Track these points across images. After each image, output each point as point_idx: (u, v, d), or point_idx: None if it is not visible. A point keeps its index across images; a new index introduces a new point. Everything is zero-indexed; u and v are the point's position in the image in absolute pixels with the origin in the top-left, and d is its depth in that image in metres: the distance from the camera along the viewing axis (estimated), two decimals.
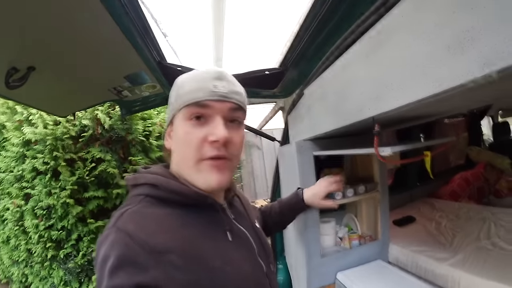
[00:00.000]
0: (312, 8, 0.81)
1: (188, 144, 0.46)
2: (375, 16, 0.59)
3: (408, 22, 0.50)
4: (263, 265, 0.53)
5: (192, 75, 0.49)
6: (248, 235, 0.54)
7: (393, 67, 0.55)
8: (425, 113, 0.77)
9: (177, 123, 0.48)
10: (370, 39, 0.62)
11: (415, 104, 0.51)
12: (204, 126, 0.46)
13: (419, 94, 0.48)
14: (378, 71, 0.60)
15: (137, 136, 1.87)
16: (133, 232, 0.39)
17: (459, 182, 1.89)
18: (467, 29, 0.38)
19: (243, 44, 1.25)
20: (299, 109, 1.09)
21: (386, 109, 0.58)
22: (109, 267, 0.37)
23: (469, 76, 0.38)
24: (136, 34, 0.83)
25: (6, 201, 2.13)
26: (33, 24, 0.67)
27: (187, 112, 0.46)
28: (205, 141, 0.46)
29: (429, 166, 0.78)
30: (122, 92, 1.29)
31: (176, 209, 0.46)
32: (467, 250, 1.15)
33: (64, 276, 1.85)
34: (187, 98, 0.46)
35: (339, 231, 1.31)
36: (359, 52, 0.68)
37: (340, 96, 0.78)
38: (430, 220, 1.55)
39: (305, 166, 1.06)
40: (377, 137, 0.70)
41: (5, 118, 2.04)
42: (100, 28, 0.75)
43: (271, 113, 2.77)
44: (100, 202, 1.73)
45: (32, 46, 0.76)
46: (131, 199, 0.47)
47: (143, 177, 0.48)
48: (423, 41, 0.46)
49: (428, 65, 0.46)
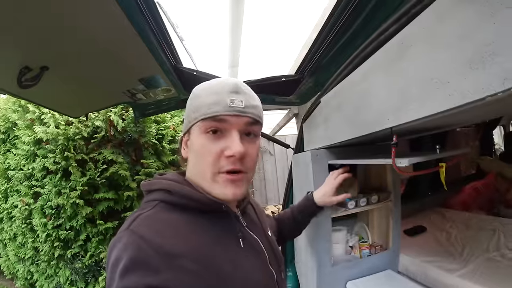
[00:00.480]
0: (331, 15, 0.81)
1: (204, 157, 0.47)
2: (396, 26, 0.59)
3: (430, 33, 0.49)
4: (274, 273, 0.53)
5: (209, 87, 0.49)
6: (260, 242, 0.54)
7: (414, 78, 0.55)
8: (442, 124, 0.76)
9: (193, 135, 0.49)
10: (390, 49, 0.62)
11: (435, 116, 0.50)
12: (220, 140, 0.47)
13: (438, 107, 0.48)
14: (399, 82, 0.59)
15: (150, 139, 1.88)
16: (146, 235, 0.40)
17: (469, 192, 1.88)
18: (488, 43, 0.38)
19: (259, 50, 1.25)
20: (315, 117, 1.09)
21: (405, 120, 0.58)
22: (121, 268, 0.37)
23: (490, 91, 0.38)
24: (152, 37, 0.82)
25: (14, 198, 2.15)
26: (46, 24, 0.67)
27: (203, 125, 0.47)
28: (221, 155, 0.46)
29: (443, 177, 0.78)
30: (136, 95, 1.29)
31: (189, 215, 0.46)
32: (476, 261, 1.15)
33: (70, 276, 1.85)
34: (204, 111, 0.46)
35: (349, 239, 1.30)
36: (379, 62, 0.67)
37: (359, 105, 0.78)
38: (441, 230, 1.55)
39: (319, 175, 1.06)
40: (394, 148, 0.69)
41: (17, 116, 2.06)
42: (116, 30, 0.74)
43: (284, 119, 2.75)
44: (111, 204, 1.73)
45: (45, 46, 0.75)
46: (145, 204, 0.48)
47: (158, 183, 0.49)
48: (445, 54, 0.46)
49: (449, 78, 0.46)
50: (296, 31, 1.07)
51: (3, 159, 2.33)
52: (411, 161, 0.67)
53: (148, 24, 0.77)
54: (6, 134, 2.36)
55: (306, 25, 1.02)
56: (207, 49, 1.28)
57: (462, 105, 0.44)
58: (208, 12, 1.07)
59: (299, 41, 1.12)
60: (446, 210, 1.76)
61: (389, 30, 0.61)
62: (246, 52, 1.22)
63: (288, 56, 1.22)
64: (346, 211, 1.14)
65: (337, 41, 0.89)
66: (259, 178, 4.40)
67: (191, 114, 0.49)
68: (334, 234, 1.22)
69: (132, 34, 0.76)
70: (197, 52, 1.21)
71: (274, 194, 4.49)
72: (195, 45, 1.18)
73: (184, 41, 1.18)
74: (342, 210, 1.13)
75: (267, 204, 4.40)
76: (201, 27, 1.14)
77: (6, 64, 0.79)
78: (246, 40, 1.14)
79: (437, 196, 1.89)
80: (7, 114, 2.23)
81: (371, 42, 0.69)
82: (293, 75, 1.14)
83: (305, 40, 1.10)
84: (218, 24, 1.07)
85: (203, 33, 1.18)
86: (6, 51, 0.73)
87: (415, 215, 1.73)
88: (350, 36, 0.86)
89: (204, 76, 1.17)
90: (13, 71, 0.79)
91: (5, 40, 0.69)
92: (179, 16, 0.99)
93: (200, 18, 1.09)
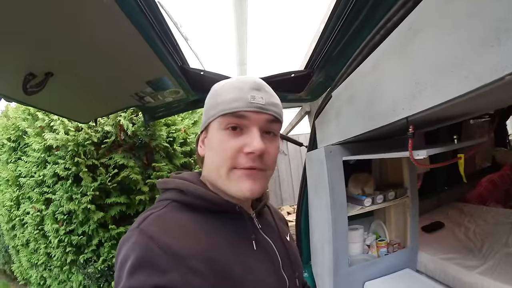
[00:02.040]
0: (336, 5, 0.78)
1: (222, 153, 0.46)
2: (403, 11, 0.56)
3: (439, 15, 0.47)
4: (287, 279, 0.51)
5: (229, 84, 0.48)
6: (273, 246, 0.52)
7: (426, 63, 0.52)
8: (459, 112, 0.73)
9: (212, 131, 0.48)
10: (399, 35, 0.59)
11: (452, 102, 0.47)
12: (240, 136, 0.46)
13: (455, 92, 0.45)
14: (411, 69, 0.57)
15: (161, 142, 1.86)
16: (155, 234, 0.39)
17: (486, 185, 1.84)
18: (502, 18, 0.36)
19: (267, 46, 1.23)
20: (327, 112, 1.06)
21: (421, 109, 0.55)
22: (129, 267, 0.37)
23: (509, 69, 0.35)
24: (156, 38, 0.81)
25: (26, 205, 2.17)
26: (48, 30, 0.66)
27: (223, 121, 0.46)
28: (240, 151, 0.45)
29: (462, 169, 0.74)
30: (144, 98, 1.29)
31: (201, 215, 0.46)
32: (496, 257, 1.13)
33: (83, 281, 1.86)
34: (224, 107, 0.46)
35: (367, 238, 1.27)
36: (389, 49, 0.64)
37: (371, 96, 0.75)
38: (459, 225, 1.52)
39: (334, 172, 1.03)
40: (411, 140, 0.66)
41: (27, 124, 2.08)
42: (118, 32, 0.73)
43: (297, 118, 2.71)
44: (123, 208, 1.73)
45: (49, 52, 0.75)
46: (158, 203, 0.47)
47: (172, 182, 0.49)
48: (456, 34, 0.43)
49: (462, 59, 0.43)
50: (304, 25, 1.05)
51: (14, 167, 2.35)
52: (430, 152, 0.64)
53: (150, 24, 0.76)
54: (16, 142, 2.39)
55: (314, 18, 0.99)
56: (214, 47, 1.26)
57: (480, 88, 0.40)
58: (211, 9, 1.05)
59: (308, 35, 1.09)
60: (463, 204, 1.72)
61: (396, 16, 0.59)
62: (254, 49, 1.20)
63: (298, 52, 1.20)
64: (362, 209, 1.11)
65: (344, 32, 0.86)
66: (273, 178, 4.37)
67: (210, 111, 0.48)
68: (350, 233, 1.19)
69: (135, 36, 0.75)
70: (204, 51, 1.19)
71: (289, 194, 4.44)
72: (200, 44, 1.16)
73: (189, 40, 1.16)
74: (359, 208, 1.10)
75: (282, 205, 4.35)
76: (206, 26, 1.12)
77: (11, 71, 0.79)
78: (253, 37, 1.12)
79: (454, 191, 1.85)
80: (17, 122, 2.26)
81: (379, 30, 0.66)
82: (302, 71, 1.11)
83: (313, 34, 1.08)
84: (223, 21, 1.05)
85: (208, 32, 1.16)
86: (11, 58, 0.73)
87: (432, 211, 1.70)
88: (358, 26, 0.83)
89: (212, 75, 1.16)
90: (18, 78, 0.79)
91: (9, 47, 0.69)
92: (182, 15, 0.97)
93: (204, 16, 1.07)
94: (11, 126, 2.37)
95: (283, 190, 4.43)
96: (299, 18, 1.06)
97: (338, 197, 1.04)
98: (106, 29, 0.71)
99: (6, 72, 0.80)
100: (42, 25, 0.64)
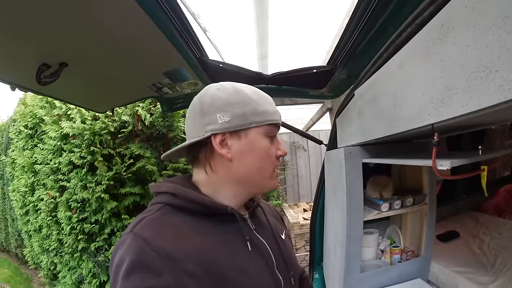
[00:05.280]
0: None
1: (268, 158, 0.52)
2: (433, 7, 0.53)
3: (474, 13, 0.43)
4: (281, 278, 0.51)
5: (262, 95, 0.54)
6: (267, 246, 0.53)
7: (457, 67, 0.48)
8: (488, 121, 0.70)
9: (253, 137, 0.51)
10: (429, 33, 0.55)
11: (483, 111, 0.44)
12: (273, 143, 0.53)
13: (488, 101, 0.42)
14: (440, 71, 0.53)
15: (179, 133, 1.86)
16: (149, 237, 0.40)
17: (504, 195, 1.79)
18: None
19: (289, 41, 1.19)
20: (348, 111, 1.04)
21: (449, 116, 0.51)
22: (124, 270, 0.38)
23: None
24: (173, 28, 0.79)
25: (41, 191, 2.23)
26: (62, 21, 0.66)
27: (269, 130, 0.52)
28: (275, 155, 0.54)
29: (484, 182, 0.70)
30: (162, 89, 1.28)
31: (194, 218, 0.47)
32: (507, 274, 1.10)
33: (93, 268, 1.89)
34: (270, 117, 0.52)
35: (381, 243, 1.24)
36: (417, 48, 0.60)
37: (395, 98, 0.72)
38: (474, 236, 1.48)
39: (353, 174, 1.01)
40: (435, 149, 0.63)
41: (44, 112, 2.13)
42: (133, 23, 0.73)
43: (318, 114, 2.67)
44: (137, 199, 1.74)
45: (63, 43, 0.75)
46: (151, 207, 0.48)
47: (164, 186, 0.50)
48: (491, 36, 0.40)
49: (498, 65, 0.39)
50: (328, 19, 1.01)
51: (30, 154, 2.42)
52: (454, 164, 0.60)
53: (166, 14, 0.74)
54: (33, 130, 2.45)
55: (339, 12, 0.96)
56: (234, 40, 1.23)
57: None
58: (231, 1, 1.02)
59: (331, 30, 1.06)
60: (480, 214, 1.68)
61: (427, 11, 0.55)
62: (276, 43, 1.17)
63: (320, 47, 1.16)
64: (379, 214, 1.09)
65: (369, 27, 0.82)
66: (292, 174, 4.33)
67: (247, 116, 0.49)
68: (365, 236, 1.17)
69: (150, 26, 0.74)
70: (223, 44, 1.18)
71: (306, 190, 4.40)
72: (220, 36, 1.13)
73: (207, 32, 1.14)
74: (375, 213, 1.08)
75: (299, 201, 4.32)
76: (225, 17, 1.09)
77: (25, 62, 0.79)
78: (275, 31, 1.09)
79: (471, 199, 1.80)
80: (34, 110, 2.31)
81: (407, 26, 0.62)
82: (324, 66, 1.08)
83: (337, 29, 1.05)
84: (243, 14, 1.02)
85: (228, 23, 1.14)
86: (25, 49, 0.74)
87: (447, 219, 1.67)
88: (384, 22, 0.79)
89: (232, 68, 1.14)
90: (32, 69, 0.79)
91: (23, 38, 0.69)
92: (200, 6, 0.94)
93: (223, 7, 1.04)
94: (29, 113, 2.43)
95: (301, 187, 4.38)
96: (322, 12, 1.03)
97: (355, 200, 1.02)
98: (121, 20, 0.71)
99: (20, 63, 0.80)
100: (56, 17, 0.64)
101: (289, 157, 4.33)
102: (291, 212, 3.47)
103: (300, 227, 2.91)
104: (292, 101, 1.71)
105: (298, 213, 3.44)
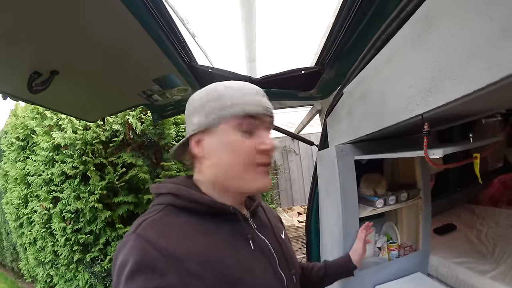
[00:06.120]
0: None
1: (238, 152, 0.48)
2: (416, 0, 0.54)
3: (456, 1, 0.44)
4: (284, 277, 0.52)
5: (236, 87, 0.50)
6: (269, 245, 0.53)
7: (442, 56, 0.49)
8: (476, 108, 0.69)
9: (222, 132, 0.49)
10: (414, 26, 0.57)
11: (469, 97, 0.45)
12: (252, 136, 0.49)
13: (472, 86, 0.43)
14: (425, 63, 0.54)
15: (170, 141, 1.86)
16: (152, 238, 0.40)
17: (498, 186, 1.81)
18: None
19: (277, 43, 1.20)
20: (338, 110, 1.04)
21: (438, 104, 0.52)
22: (127, 272, 0.37)
23: None
24: (162, 34, 0.79)
25: (34, 203, 2.19)
26: (53, 28, 0.66)
27: (238, 123, 0.48)
28: (255, 149, 0.48)
29: (478, 169, 0.72)
30: (152, 96, 1.28)
31: (196, 218, 0.47)
32: (508, 261, 1.11)
33: (89, 279, 1.86)
34: (238, 109, 0.48)
35: (377, 240, 1.24)
36: (403, 42, 0.61)
37: (384, 93, 0.72)
38: (471, 228, 1.49)
39: (345, 172, 1.01)
40: (427, 138, 0.64)
41: (35, 123, 2.10)
42: (123, 29, 0.72)
43: (308, 116, 2.64)
44: (130, 208, 1.73)
45: (53, 50, 0.75)
46: (153, 208, 0.48)
47: (165, 187, 0.50)
48: (475, 22, 0.40)
49: (481, 50, 0.40)
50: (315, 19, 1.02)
51: (23, 166, 2.38)
52: (446, 151, 0.62)
53: (155, 20, 0.74)
54: (25, 141, 2.41)
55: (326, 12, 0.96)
56: (222, 44, 1.24)
57: (501, 80, 0.38)
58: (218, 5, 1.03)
59: (319, 30, 1.07)
60: (475, 206, 1.69)
61: (410, 5, 0.56)
62: (264, 46, 1.18)
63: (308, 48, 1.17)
64: (374, 210, 1.08)
65: (356, 25, 0.83)
66: (285, 178, 4.34)
67: (215, 112, 0.49)
68: None
69: (140, 32, 0.73)
70: (212, 48, 1.18)
71: (300, 194, 4.42)
72: (208, 41, 1.14)
73: (196, 37, 1.14)
74: (370, 209, 1.08)
75: (293, 205, 4.32)
76: (213, 22, 1.10)
77: (17, 70, 0.79)
78: (262, 34, 1.10)
79: (466, 192, 1.82)
80: (25, 121, 2.28)
81: (392, 21, 0.63)
82: (313, 67, 1.08)
83: (324, 30, 1.05)
84: (231, 17, 1.03)
85: (216, 28, 1.14)
86: (16, 57, 0.73)
87: (443, 212, 1.67)
88: (370, 18, 0.80)
89: (220, 72, 1.14)
90: (24, 77, 0.79)
91: (14, 46, 0.68)
92: (188, 11, 0.95)
93: (210, 12, 1.05)
94: (20, 125, 2.40)
95: (294, 190, 4.40)
96: (310, 13, 1.04)
97: (349, 198, 1.02)
98: (110, 26, 0.71)
99: (11, 71, 0.80)
100: (46, 24, 0.64)
101: (281, 162, 4.35)
102: (285, 216, 3.47)
103: (295, 229, 2.91)
104: (281, 105, 1.71)
105: (292, 217, 3.44)
